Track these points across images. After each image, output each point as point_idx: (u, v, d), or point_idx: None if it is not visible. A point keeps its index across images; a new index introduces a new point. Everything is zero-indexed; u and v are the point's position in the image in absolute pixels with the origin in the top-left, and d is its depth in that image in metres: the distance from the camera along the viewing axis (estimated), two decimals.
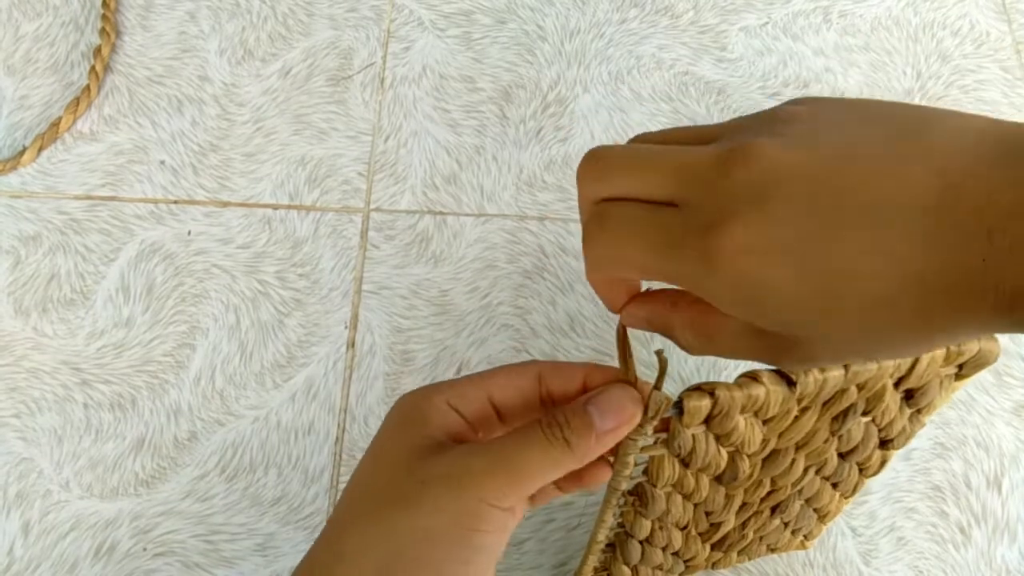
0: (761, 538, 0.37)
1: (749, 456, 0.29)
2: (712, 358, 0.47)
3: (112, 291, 0.48)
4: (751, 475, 0.30)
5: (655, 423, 0.25)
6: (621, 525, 0.33)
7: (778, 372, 0.26)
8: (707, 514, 0.32)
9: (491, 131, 0.53)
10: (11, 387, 0.46)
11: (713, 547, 0.36)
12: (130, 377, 0.46)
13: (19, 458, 0.44)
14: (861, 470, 0.33)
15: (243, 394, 0.46)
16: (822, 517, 0.37)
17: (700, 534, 0.34)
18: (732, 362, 0.47)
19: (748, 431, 0.27)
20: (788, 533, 0.37)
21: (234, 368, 0.46)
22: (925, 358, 0.27)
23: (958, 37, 0.57)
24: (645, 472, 0.29)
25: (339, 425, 0.45)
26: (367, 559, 0.23)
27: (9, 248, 0.49)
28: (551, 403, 0.27)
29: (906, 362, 0.26)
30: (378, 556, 0.23)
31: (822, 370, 0.25)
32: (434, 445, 0.25)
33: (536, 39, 0.56)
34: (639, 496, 0.30)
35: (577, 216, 0.50)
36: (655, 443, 0.27)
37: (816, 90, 0.55)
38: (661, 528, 0.32)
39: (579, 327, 0.48)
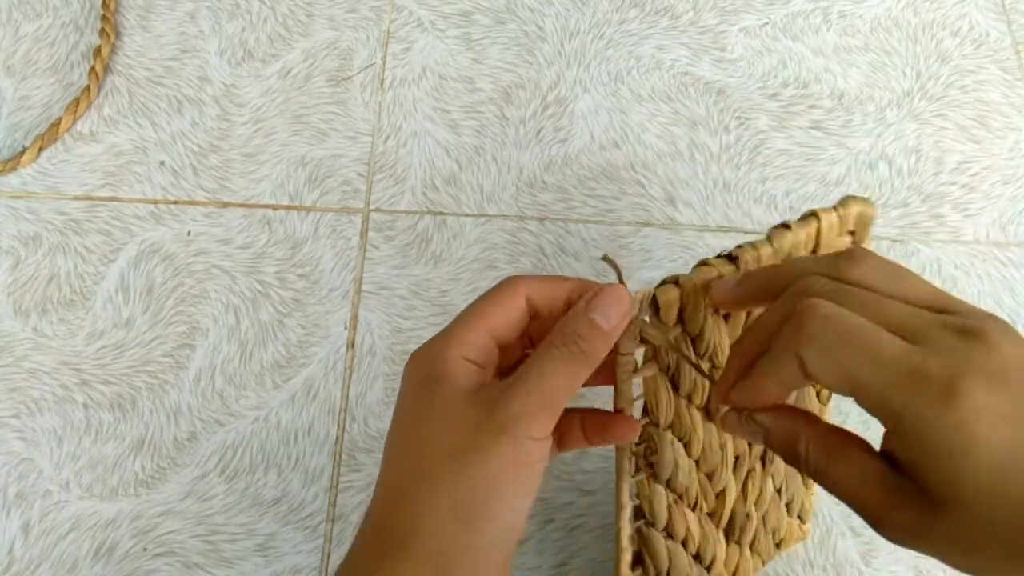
0: (764, 520, 0.38)
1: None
2: None
3: (112, 291, 0.48)
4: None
5: (647, 316, 0.28)
6: (639, 516, 0.34)
7: (723, 255, 0.29)
8: (710, 478, 0.34)
9: (491, 132, 0.53)
10: (11, 387, 0.46)
11: (727, 535, 0.37)
12: (130, 377, 0.46)
13: (19, 458, 0.44)
14: (817, 395, 0.36)
15: (243, 394, 0.46)
16: (804, 478, 0.39)
17: (711, 515, 0.36)
18: None
19: (716, 332, 0.30)
20: (784, 509, 0.39)
21: (234, 368, 0.46)
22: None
23: (958, 37, 0.57)
24: (645, 413, 0.32)
25: (339, 425, 0.45)
26: (444, 508, 0.25)
27: (9, 248, 0.49)
28: (536, 318, 0.29)
29: (814, 233, 0.29)
30: (454, 501, 0.25)
31: (754, 246, 0.28)
32: (470, 398, 0.27)
33: (536, 40, 0.56)
34: (647, 443, 0.32)
35: (576, 216, 0.51)
36: (644, 362, 0.30)
37: (816, 90, 0.55)
38: (675, 503, 0.34)
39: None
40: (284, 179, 0.51)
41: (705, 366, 0.31)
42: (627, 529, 0.34)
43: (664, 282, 0.28)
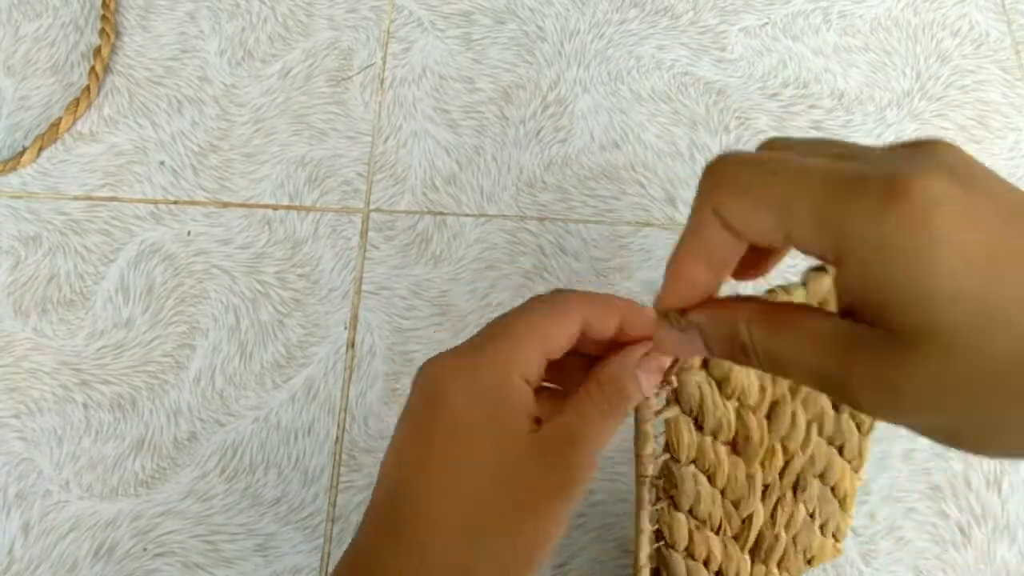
0: (795, 540, 0.37)
1: (753, 411, 0.30)
2: None
3: (112, 292, 0.48)
4: (761, 439, 0.31)
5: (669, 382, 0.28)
6: (659, 537, 0.33)
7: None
8: (736, 505, 0.33)
9: (491, 132, 0.53)
10: (11, 387, 0.46)
11: (752, 556, 0.36)
12: (130, 377, 0.46)
13: (19, 458, 0.44)
14: (858, 426, 0.34)
15: (243, 394, 0.46)
16: (841, 501, 0.37)
17: (736, 537, 0.35)
18: None
19: (743, 375, 0.29)
20: (817, 530, 0.38)
21: (234, 368, 0.46)
22: None
23: (957, 37, 0.57)
24: (666, 449, 0.31)
25: (339, 425, 0.45)
26: (493, 564, 0.25)
27: (9, 248, 0.49)
28: (585, 340, 0.27)
29: None
30: (505, 558, 0.25)
31: (787, 290, 0.27)
32: (527, 440, 0.25)
33: (536, 40, 0.56)
34: (667, 478, 0.31)
35: (576, 216, 0.51)
36: (666, 404, 0.29)
37: (816, 91, 0.55)
38: (697, 528, 0.33)
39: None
40: (284, 179, 0.51)
41: (732, 405, 0.30)
42: (646, 549, 0.33)
43: None
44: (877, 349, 0.18)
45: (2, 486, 0.44)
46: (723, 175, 0.20)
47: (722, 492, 0.33)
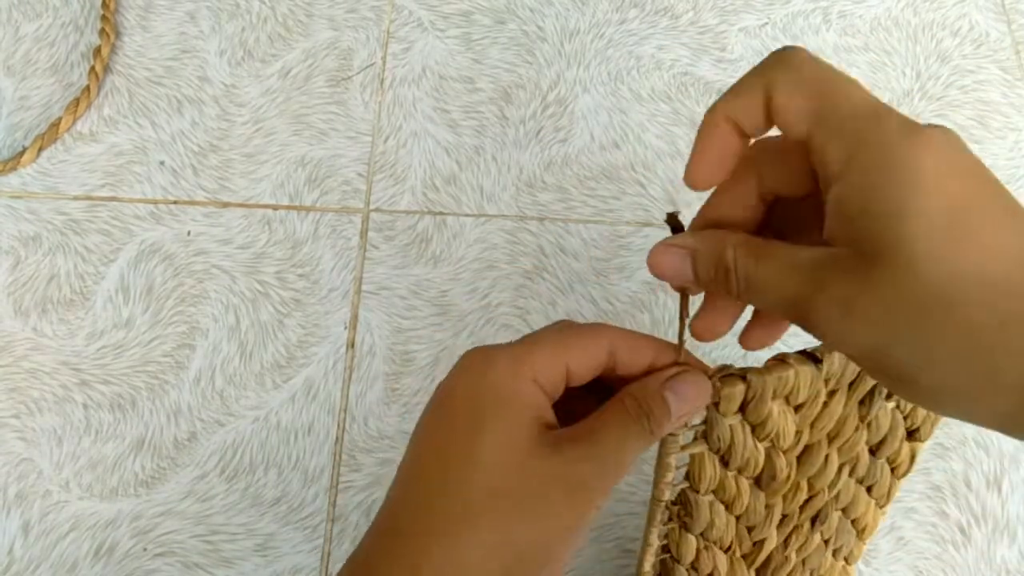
0: (804, 562, 0.36)
1: (784, 452, 0.29)
2: (707, 363, 0.47)
3: (112, 292, 0.48)
4: (788, 476, 0.30)
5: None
6: (666, 549, 0.33)
7: (804, 353, 0.26)
8: (749, 530, 0.32)
9: (491, 132, 0.53)
10: (11, 387, 0.46)
11: (759, 573, 0.35)
12: (130, 377, 0.46)
13: (19, 458, 0.44)
14: (892, 469, 0.33)
15: (243, 394, 0.46)
16: (860, 532, 0.36)
17: (744, 556, 0.34)
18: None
19: (781, 420, 0.27)
20: (829, 554, 0.37)
21: (234, 368, 0.46)
22: None
23: (957, 37, 0.57)
24: (687, 477, 0.29)
25: (339, 425, 0.45)
26: (492, 561, 0.23)
27: (9, 248, 0.49)
28: (612, 372, 0.27)
29: None
30: (505, 557, 0.23)
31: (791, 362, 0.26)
32: (536, 438, 0.24)
33: (536, 40, 0.56)
34: (683, 504, 0.30)
35: (576, 216, 0.51)
36: (694, 439, 0.28)
37: None
38: (706, 548, 0.32)
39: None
40: (284, 179, 0.51)
41: (763, 446, 0.29)
42: (651, 560, 0.32)
43: (730, 372, 0.26)
44: (843, 271, 0.20)
45: (2, 486, 0.44)
46: (787, 60, 0.22)
47: (737, 518, 0.32)
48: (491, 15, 0.57)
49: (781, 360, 0.26)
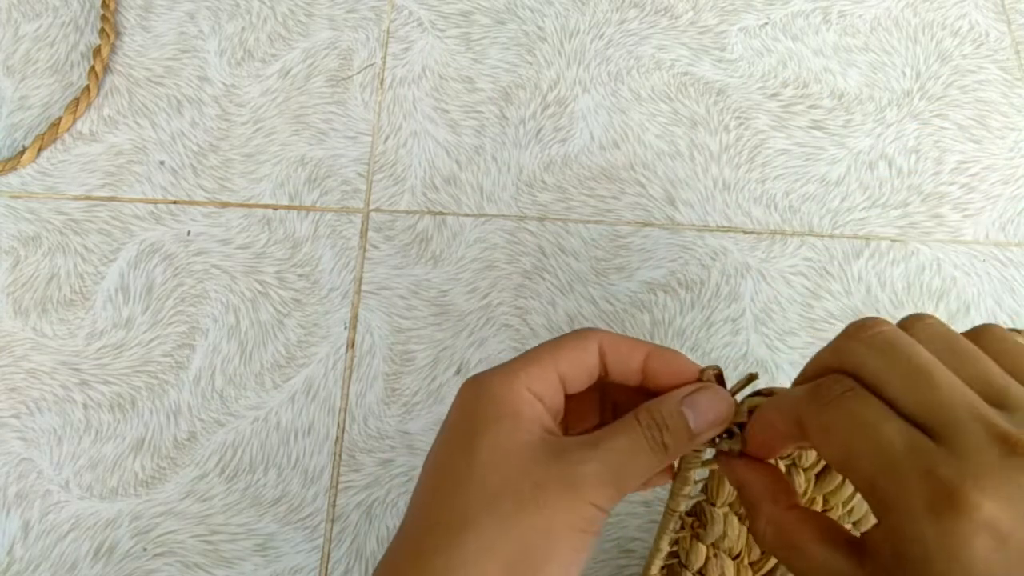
0: None
1: (804, 469, 0.29)
2: (707, 363, 0.47)
3: (112, 291, 0.48)
4: (805, 491, 0.30)
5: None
6: (675, 555, 0.33)
7: None
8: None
9: (490, 131, 0.53)
10: (10, 387, 0.46)
11: None
12: (130, 377, 0.46)
13: (19, 458, 0.44)
14: None
15: (243, 394, 0.46)
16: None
17: (752, 564, 0.34)
18: (732, 362, 0.47)
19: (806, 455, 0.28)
20: None
21: (234, 368, 0.46)
22: None
23: (957, 37, 0.57)
24: (703, 490, 0.29)
25: (339, 425, 0.45)
26: (492, 561, 0.23)
27: (9, 248, 0.49)
28: (606, 376, 0.27)
29: None
30: (504, 555, 0.23)
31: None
32: (536, 442, 0.25)
33: (536, 40, 0.56)
34: (697, 516, 0.31)
35: (576, 216, 0.51)
36: (715, 456, 0.27)
37: (816, 90, 0.55)
38: (715, 556, 0.32)
39: (578, 327, 0.48)
40: (284, 179, 0.51)
41: (784, 463, 0.29)
42: (659, 563, 0.32)
43: (758, 392, 0.25)
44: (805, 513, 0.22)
45: (2, 486, 0.44)
46: (819, 398, 0.21)
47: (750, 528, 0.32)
48: (491, 15, 0.57)
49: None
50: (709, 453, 0.26)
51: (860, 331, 0.22)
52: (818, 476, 0.30)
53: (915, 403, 0.20)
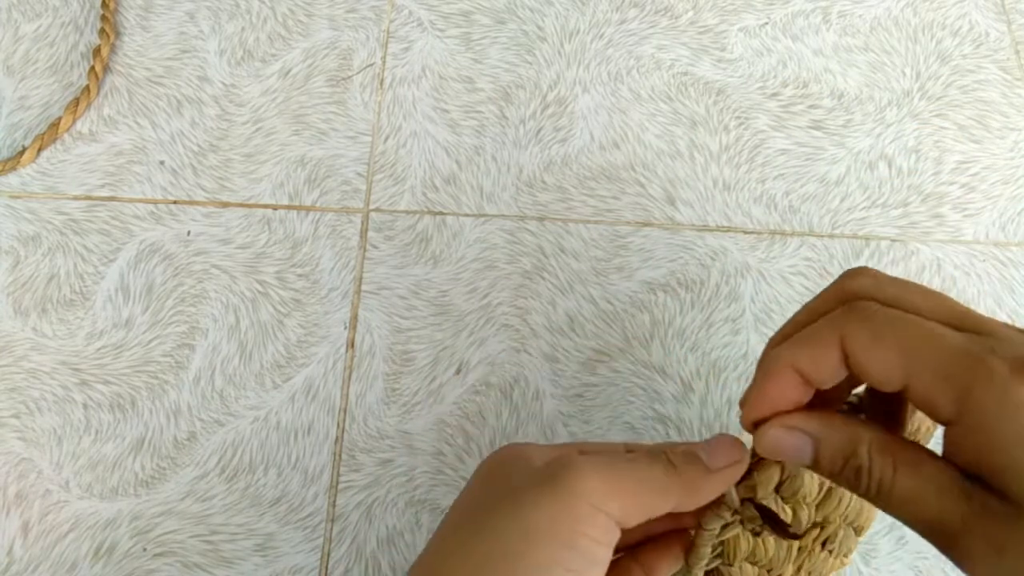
0: (809, 573, 0.37)
1: (807, 505, 0.29)
2: (706, 363, 0.47)
3: (112, 291, 0.48)
4: (809, 517, 0.30)
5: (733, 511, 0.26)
6: None
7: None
8: (768, 571, 0.33)
9: (490, 131, 0.53)
10: (10, 387, 0.46)
11: None
12: (129, 377, 0.46)
13: (19, 458, 0.44)
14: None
15: (243, 394, 0.46)
16: (858, 531, 0.37)
17: None
18: (732, 362, 0.47)
19: (810, 481, 0.27)
20: (831, 559, 0.37)
21: (234, 368, 0.46)
22: None
23: (957, 37, 0.57)
24: (719, 555, 0.30)
25: (339, 425, 0.45)
26: (468, 559, 0.22)
27: (8, 248, 0.49)
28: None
29: None
30: (480, 554, 0.22)
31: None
32: (534, 466, 0.25)
33: (535, 39, 0.56)
34: (714, 573, 0.31)
35: (576, 216, 0.51)
36: (724, 527, 0.27)
37: (816, 90, 0.55)
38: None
39: (579, 327, 0.48)
40: (284, 179, 0.51)
41: (790, 507, 0.29)
42: None
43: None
44: (992, 510, 0.19)
45: (2, 486, 0.44)
46: (861, 310, 0.21)
47: (759, 565, 0.32)
48: (491, 15, 0.57)
49: None
50: (724, 519, 0.26)
51: (859, 272, 0.23)
52: (819, 504, 0.31)
53: (947, 313, 0.21)
